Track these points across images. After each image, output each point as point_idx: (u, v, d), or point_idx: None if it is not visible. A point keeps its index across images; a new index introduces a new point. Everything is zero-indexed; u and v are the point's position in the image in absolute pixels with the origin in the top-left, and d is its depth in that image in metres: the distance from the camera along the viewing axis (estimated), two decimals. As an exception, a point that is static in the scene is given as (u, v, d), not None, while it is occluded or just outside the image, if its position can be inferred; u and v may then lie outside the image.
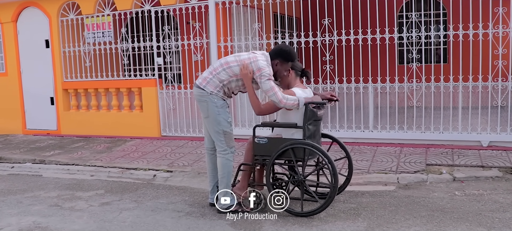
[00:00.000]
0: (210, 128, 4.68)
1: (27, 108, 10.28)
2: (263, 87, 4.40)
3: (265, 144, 4.57)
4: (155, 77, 8.73)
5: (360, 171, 5.80)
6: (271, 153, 4.50)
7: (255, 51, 4.64)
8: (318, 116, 4.61)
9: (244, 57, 4.53)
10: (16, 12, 9.99)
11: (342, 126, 7.42)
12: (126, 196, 5.52)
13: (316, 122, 4.64)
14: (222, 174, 4.66)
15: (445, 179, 5.44)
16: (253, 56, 4.50)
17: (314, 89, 7.33)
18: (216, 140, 4.64)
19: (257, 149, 4.63)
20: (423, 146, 6.85)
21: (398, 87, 7.10)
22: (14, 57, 10.19)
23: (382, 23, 7.04)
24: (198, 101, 4.67)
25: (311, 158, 4.62)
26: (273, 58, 4.55)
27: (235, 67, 4.50)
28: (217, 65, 4.60)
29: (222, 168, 4.64)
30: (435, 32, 6.99)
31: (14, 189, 6.16)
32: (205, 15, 8.18)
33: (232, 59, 4.56)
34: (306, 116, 4.45)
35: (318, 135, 4.77)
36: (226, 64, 4.54)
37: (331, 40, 7.25)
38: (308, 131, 4.49)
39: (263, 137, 4.62)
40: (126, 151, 7.86)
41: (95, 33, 9.13)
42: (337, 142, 4.99)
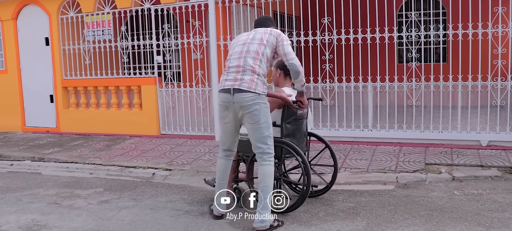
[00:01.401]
0: (258, 134, 4.07)
1: (26, 105, 10.27)
2: (286, 50, 4.09)
3: (246, 141, 4.47)
4: (154, 76, 8.73)
5: (359, 170, 5.80)
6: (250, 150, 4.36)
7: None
8: (298, 115, 4.56)
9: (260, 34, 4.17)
10: (16, 10, 9.98)
11: (341, 125, 7.42)
12: (125, 194, 5.52)
13: (296, 121, 4.59)
14: (268, 184, 4.06)
15: (444, 179, 5.44)
16: (265, 29, 4.23)
17: (313, 88, 7.38)
18: (262, 145, 4.07)
19: (240, 145, 4.58)
20: (422, 145, 6.85)
21: (398, 87, 7.10)
22: (14, 54, 10.19)
23: (381, 22, 7.04)
24: (248, 108, 4.00)
25: (289, 156, 4.57)
26: None
27: (267, 50, 4.10)
28: (250, 61, 4.05)
29: (269, 177, 4.07)
30: (434, 32, 6.99)
31: (13, 187, 6.16)
32: (205, 14, 8.17)
33: (256, 44, 4.10)
34: (284, 115, 4.47)
35: (298, 134, 4.67)
36: (258, 53, 4.08)
37: (330, 39, 7.25)
38: (286, 129, 4.49)
39: (245, 134, 4.41)
40: (125, 149, 7.86)
41: (95, 31, 9.13)
42: (322, 141, 4.98)
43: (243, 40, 4.20)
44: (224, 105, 4.12)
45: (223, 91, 4.10)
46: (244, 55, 4.08)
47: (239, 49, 4.14)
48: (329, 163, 5.13)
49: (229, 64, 4.13)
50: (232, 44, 4.32)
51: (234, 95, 4.02)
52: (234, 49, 4.20)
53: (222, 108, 4.17)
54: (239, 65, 4.06)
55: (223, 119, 4.21)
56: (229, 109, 4.10)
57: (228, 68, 4.13)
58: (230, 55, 4.21)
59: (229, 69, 4.10)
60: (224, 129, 4.28)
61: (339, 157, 6.42)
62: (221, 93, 4.12)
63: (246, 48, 4.11)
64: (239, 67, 4.05)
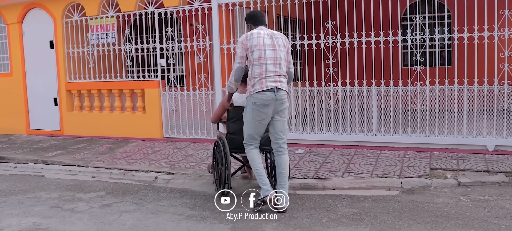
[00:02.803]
0: (284, 126, 4.84)
1: (31, 108, 10.29)
2: (290, 58, 4.87)
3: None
4: (158, 79, 8.72)
5: (363, 175, 5.74)
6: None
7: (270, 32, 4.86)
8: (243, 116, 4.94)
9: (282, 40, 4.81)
10: (21, 13, 10.01)
11: (345, 129, 7.36)
12: (127, 198, 5.49)
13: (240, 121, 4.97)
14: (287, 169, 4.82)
15: (449, 184, 5.37)
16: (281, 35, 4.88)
17: (317, 92, 7.35)
18: (284, 135, 4.83)
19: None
20: (427, 149, 6.78)
21: (402, 90, 7.03)
22: (19, 57, 10.21)
23: (386, 25, 6.98)
24: (284, 104, 4.74)
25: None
26: None
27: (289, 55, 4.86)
28: (283, 68, 4.72)
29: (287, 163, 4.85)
30: (439, 35, 6.93)
31: (16, 189, 6.15)
32: (208, 17, 8.15)
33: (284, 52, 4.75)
34: (228, 115, 5.17)
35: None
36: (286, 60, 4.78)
37: (334, 42, 7.20)
38: (230, 127, 5.18)
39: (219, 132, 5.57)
40: (128, 152, 7.84)
41: (99, 34, 9.13)
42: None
43: (270, 45, 4.69)
44: (266, 103, 4.61)
45: (266, 91, 4.60)
46: (278, 62, 4.67)
47: (271, 55, 4.66)
48: (332, 169, 5.05)
49: (264, 69, 4.62)
50: (256, 44, 4.66)
51: (276, 93, 4.62)
52: (264, 53, 4.64)
53: (261, 107, 4.63)
54: (276, 71, 4.66)
55: (260, 116, 4.67)
56: (269, 106, 4.64)
57: (260, 73, 4.61)
58: (263, 58, 4.63)
59: (267, 73, 4.61)
60: (259, 126, 4.74)
61: (343, 162, 6.38)
62: (264, 93, 4.60)
63: (277, 55, 4.68)
64: (276, 72, 4.66)
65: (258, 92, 4.59)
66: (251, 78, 4.67)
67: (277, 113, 4.71)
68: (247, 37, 4.72)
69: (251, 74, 4.67)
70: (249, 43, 4.67)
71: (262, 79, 4.60)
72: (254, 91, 4.61)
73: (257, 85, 4.60)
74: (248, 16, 4.97)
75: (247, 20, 4.97)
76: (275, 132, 4.77)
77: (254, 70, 4.63)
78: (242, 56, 4.71)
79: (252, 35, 4.69)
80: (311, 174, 5.88)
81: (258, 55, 4.61)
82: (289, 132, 7.63)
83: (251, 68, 4.68)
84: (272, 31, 4.84)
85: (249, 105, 4.69)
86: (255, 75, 4.62)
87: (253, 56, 4.63)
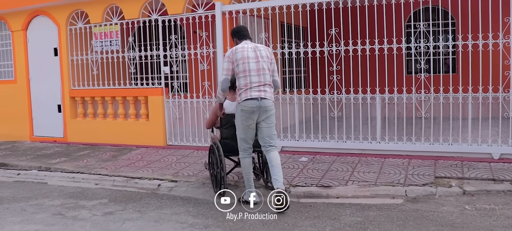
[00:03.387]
0: (271, 132, 5.21)
1: (35, 115, 10.31)
2: (274, 68, 5.26)
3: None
4: (161, 86, 8.72)
5: (367, 183, 5.70)
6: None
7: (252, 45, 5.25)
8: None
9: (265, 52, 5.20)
10: (26, 21, 10.05)
11: (349, 137, 7.33)
12: (130, 206, 5.47)
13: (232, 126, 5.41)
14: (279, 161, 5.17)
15: (454, 192, 5.32)
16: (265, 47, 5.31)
17: (320, 100, 7.33)
18: (272, 140, 5.22)
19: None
20: (432, 157, 6.74)
21: (406, 98, 7.00)
22: (23, 64, 10.25)
23: (389, 33, 6.96)
24: (270, 112, 5.14)
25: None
26: None
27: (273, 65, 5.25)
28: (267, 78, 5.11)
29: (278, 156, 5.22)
30: (443, 42, 6.90)
31: (18, 197, 6.14)
32: (212, 25, 8.16)
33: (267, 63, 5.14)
34: (221, 121, 5.64)
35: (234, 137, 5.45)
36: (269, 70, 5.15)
37: (338, 50, 7.19)
38: (223, 133, 5.65)
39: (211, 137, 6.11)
40: (132, 159, 7.82)
41: (102, 41, 9.15)
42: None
43: (253, 57, 5.09)
44: (251, 110, 5.03)
45: (251, 99, 5.02)
46: (262, 73, 5.08)
47: (255, 67, 5.07)
48: (336, 177, 5.01)
49: (251, 80, 5.04)
50: (241, 58, 5.08)
51: (261, 101, 5.03)
52: (248, 65, 5.06)
53: (248, 113, 5.05)
54: (260, 82, 5.06)
55: (247, 122, 5.09)
56: (255, 112, 5.05)
57: (246, 84, 5.04)
58: (247, 71, 5.05)
59: (252, 84, 5.03)
60: (248, 130, 5.15)
61: (347, 170, 6.34)
62: (249, 101, 5.02)
63: (260, 66, 5.08)
64: (260, 83, 5.06)
65: (244, 101, 5.04)
66: (238, 89, 5.12)
67: (263, 120, 5.12)
68: (233, 51, 5.17)
69: (238, 85, 5.13)
70: (234, 57, 5.11)
71: (248, 90, 5.04)
72: (241, 100, 5.07)
73: (243, 95, 5.06)
74: (233, 31, 5.47)
75: (233, 35, 5.44)
76: (263, 137, 5.18)
77: (240, 82, 5.08)
78: (228, 68, 5.15)
79: (237, 50, 5.14)
80: (315, 182, 5.85)
81: (243, 68, 5.05)
82: (292, 139, 7.64)
83: (238, 80, 5.13)
84: (256, 44, 5.31)
85: (238, 112, 5.14)
86: (241, 86, 5.07)
87: (239, 69, 5.08)
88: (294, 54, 7.81)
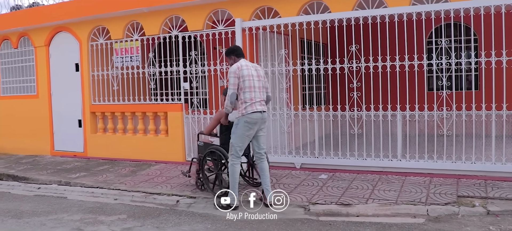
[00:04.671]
0: (265, 139, 5.94)
1: (56, 130, 10.44)
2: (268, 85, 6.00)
3: (201, 146, 6.59)
4: (181, 102, 8.75)
5: (388, 202, 5.60)
6: (204, 152, 6.43)
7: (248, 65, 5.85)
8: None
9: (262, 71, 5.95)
10: (49, 37, 10.24)
11: (369, 155, 7.24)
12: (148, 222, 5.46)
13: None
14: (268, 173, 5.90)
15: (478, 212, 5.19)
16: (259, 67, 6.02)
17: (340, 117, 7.27)
18: (265, 147, 5.97)
19: (198, 149, 6.65)
20: (454, 176, 6.60)
21: (428, 115, 6.89)
22: (45, 80, 10.41)
23: (410, 49, 6.89)
24: (265, 123, 5.85)
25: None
26: None
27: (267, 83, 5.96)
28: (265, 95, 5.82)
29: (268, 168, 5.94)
30: (466, 59, 6.80)
31: (38, 211, 6.19)
32: (232, 41, 8.18)
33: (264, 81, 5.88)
34: (221, 129, 6.30)
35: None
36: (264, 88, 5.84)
37: (358, 67, 7.13)
38: (223, 139, 6.27)
39: (201, 141, 6.63)
40: (151, 175, 7.84)
41: (123, 57, 9.25)
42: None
43: (256, 75, 5.77)
44: (255, 121, 5.67)
45: (256, 112, 5.65)
46: (262, 90, 5.79)
47: (257, 84, 5.74)
48: (356, 195, 4.93)
49: (253, 96, 5.67)
50: (246, 75, 5.67)
51: (262, 114, 5.73)
52: (252, 82, 5.69)
53: (251, 124, 5.65)
54: (261, 98, 5.78)
55: (249, 132, 5.68)
56: (256, 124, 5.69)
57: (251, 99, 5.66)
58: (252, 87, 5.68)
59: (255, 100, 5.68)
60: (246, 140, 5.75)
61: (367, 188, 6.25)
62: (255, 113, 5.64)
63: (261, 84, 5.79)
64: (261, 99, 5.79)
65: (250, 113, 5.62)
66: (243, 102, 5.64)
67: (260, 129, 5.82)
68: (239, 68, 5.67)
69: (243, 98, 5.64)
70: (240, 73, 5.65)
71: (253, 104, 5.64)
72: (246, 112, 5.62)
73: (249, 108, 5.62)
74: (230, 50, 5.99)
75: (230, 53, 5.95)
76: (258, 144, 5.87)
77: (246, 96, 5.64)
78: (235, 83, 5.63)
79: (242, 67, 5.69)
80: (335, 200, 5.77)
81: (249, 84, 5.65)
82: (312, 156, 7.58)
83: (243, 94, 5.64)
84: (253, 63, 6.02)
85: (241, 123, 5.64)
86: (247, 100, 5.63)
87: (245, 84, 5.64)
88: (314, 71, 7.78)
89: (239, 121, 5.66)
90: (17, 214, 6.12)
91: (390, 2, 6.97)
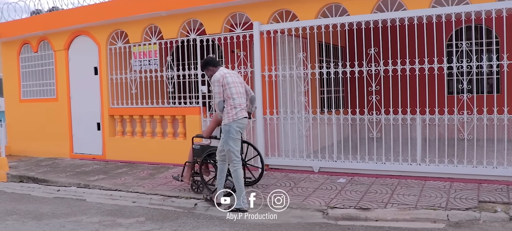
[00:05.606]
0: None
1: (75, 133, 10.54)
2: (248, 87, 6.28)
3: (197, 149, 6.77)
4: (199, 105, 8.77)
5: (407, 206, 5.53)
6: (201, 155, 6.65)
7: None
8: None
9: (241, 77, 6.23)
10: (68, 40, 10.36)
11: (388, 159, 7.17)
12: (166, 225, 5.48)
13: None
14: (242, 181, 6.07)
15: (500, 218, 5.09)
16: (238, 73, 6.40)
17: (359, 120, 7.21)
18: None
19: (194, 152, 6.79)
20: (475, 181, 6.50)
21: (448, 119, 6.80)
22: (64, 83, 10.53)
23: (430, 52, 6.80)
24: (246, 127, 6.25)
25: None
26: None
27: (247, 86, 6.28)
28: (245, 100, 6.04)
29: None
30: (487, 62, 6.69)
31: (58, 213, 6.25)
32: (250, 44, 8.19)
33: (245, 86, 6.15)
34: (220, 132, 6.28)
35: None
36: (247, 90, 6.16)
37: (377, 70, 7.07)
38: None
39: (198, 144, 6.83)
40: (169, 178, 7.86)
41: (141, 61, 9.31)
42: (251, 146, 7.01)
43: (239, 82, 6.02)
44: (243, 126, 5.99)
45: (243, 118, 5.92)
46: (244, 96, 6.05)
47: (242, 90, 6.02)
48: (375, 199, 4.87)
49: (241, 101, 5.94)
50: (231, 82, 5.88)
51: (248, 119, 6.16)
52: (238, 88, 5.93)
53: (241, 129, 5.95)
54: (245, 103, 6.06)
55: (238, 135, 5.90)
56: (245, 127, 6.06)
57: (239, 104, 5.90)
58: (239, 93, 5.92)
59: (242, 105, 5.95)
60: (239, 142, 5.96)
61: (386, 192, 6.19)
62: (243, 119, 5.93)
63: (243, 89, 6.04)
64: (246, 104, 6.06)
65: (241, 119, 5.88)
66: (233, 107, 5.82)
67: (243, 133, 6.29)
68: (223, 76, 5.86)
69: (233, 104, 5.82)
70: (225, 81, 5.84)
71: (242, 109, 5.91)
72: (237, 118, 5.83)
73: (239, 113, 5.85)
74: (205, 62, 6.20)
75: (206, 65, 6.13)
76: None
77: (235, 102, 5.85)
78: (220, 92, 5.83)
79: (226, 75, 5.89)
80: (353, 204, 5.72)
81: (235, 90, 5.88)
82: (330, 160, 7.53)
83: (232, 100, 5.82)
84: (232, 70, 6.43)
85: (233, 128, 5.81)
86: (237, 106, 5.85)
87: (232, 91, 5.84)
88: (332, 74, 7.73)
89: (230, 127, 5.81)
90: (37, 215, 6.19)
91: (410, 5, 6.90)
